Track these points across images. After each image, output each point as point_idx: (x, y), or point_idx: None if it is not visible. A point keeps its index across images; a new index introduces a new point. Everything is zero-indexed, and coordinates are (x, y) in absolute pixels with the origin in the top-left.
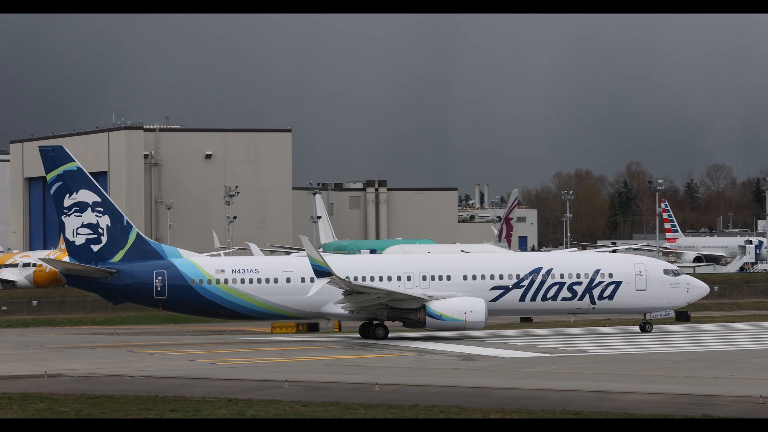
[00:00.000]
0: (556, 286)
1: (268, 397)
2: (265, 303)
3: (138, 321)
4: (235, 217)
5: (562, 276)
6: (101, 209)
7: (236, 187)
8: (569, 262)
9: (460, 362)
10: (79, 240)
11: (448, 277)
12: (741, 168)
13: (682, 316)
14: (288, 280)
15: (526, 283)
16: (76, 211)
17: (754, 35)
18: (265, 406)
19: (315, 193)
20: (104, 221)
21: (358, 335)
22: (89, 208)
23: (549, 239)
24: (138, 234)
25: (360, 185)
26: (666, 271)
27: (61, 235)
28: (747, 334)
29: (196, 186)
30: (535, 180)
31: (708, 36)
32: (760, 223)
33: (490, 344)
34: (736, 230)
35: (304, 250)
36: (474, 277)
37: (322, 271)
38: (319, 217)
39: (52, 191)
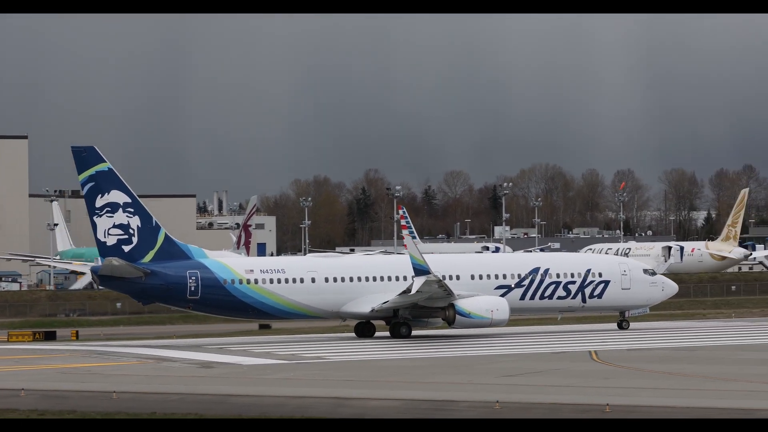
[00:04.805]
0: (553, 285)
1: (4, 407)
2: (291, 302)
3: None
4: None
5: (558, 275)
6: (132, 210)
7: None
8: (563, 262)
9: (199, 369)
10: (111, 241)
11: (458, 277)
12: (478, 175)
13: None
14: (313, 280)
15: (526, 282)
16: (107, 211)
17: (491, 39)
18: (0, 416)
19: (52, 200)
20: (135, 222)
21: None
22: (120, 209)
23: (288, 246)
24: (166, 234)
25: None
26: (645, 271)
27: None
28: (479, 340)
29: None
30: (273, 187)
31: (443, 42)
32: (497, 229)
33: (229, 351)
34: (474, 236)
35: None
36: (480, 277)
37: (421, 270)
38: (56, 225)
39: (84, 191)
